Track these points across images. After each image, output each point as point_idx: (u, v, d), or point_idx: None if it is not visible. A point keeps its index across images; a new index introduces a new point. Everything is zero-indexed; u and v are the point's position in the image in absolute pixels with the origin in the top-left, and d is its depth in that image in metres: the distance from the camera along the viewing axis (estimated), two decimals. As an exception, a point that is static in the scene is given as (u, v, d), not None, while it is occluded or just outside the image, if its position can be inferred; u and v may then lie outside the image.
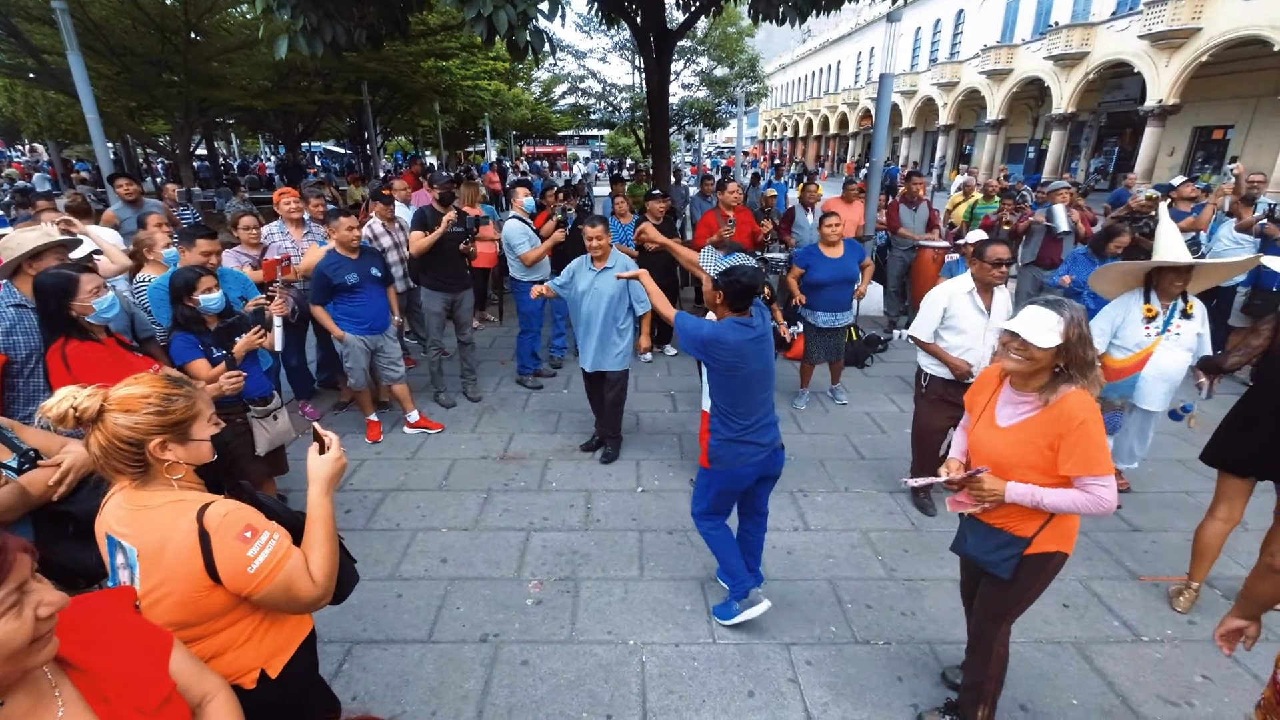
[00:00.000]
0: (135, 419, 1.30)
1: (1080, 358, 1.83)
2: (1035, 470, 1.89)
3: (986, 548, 2.03)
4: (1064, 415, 1.83)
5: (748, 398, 2.54)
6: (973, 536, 2.08)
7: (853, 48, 41.36)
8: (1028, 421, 1.91)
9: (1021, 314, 1.87)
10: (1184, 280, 3.23)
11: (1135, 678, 2.58)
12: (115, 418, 1.29)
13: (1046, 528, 1.94)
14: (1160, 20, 18.59)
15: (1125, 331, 3.39)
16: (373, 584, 3.08)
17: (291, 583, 1.36)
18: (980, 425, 2.05)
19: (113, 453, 1.31)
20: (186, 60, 11.26)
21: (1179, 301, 3.32)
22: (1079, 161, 26.22)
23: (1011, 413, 1.97)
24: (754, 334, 2.49)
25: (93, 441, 1.31)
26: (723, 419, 2.59)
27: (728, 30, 18.85)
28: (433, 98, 19.04)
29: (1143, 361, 3.37)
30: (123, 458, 1.31)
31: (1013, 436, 1.93)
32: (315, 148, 34.37)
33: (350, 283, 4.11)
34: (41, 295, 2.42)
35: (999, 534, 2.00)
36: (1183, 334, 3.31)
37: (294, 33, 5.34)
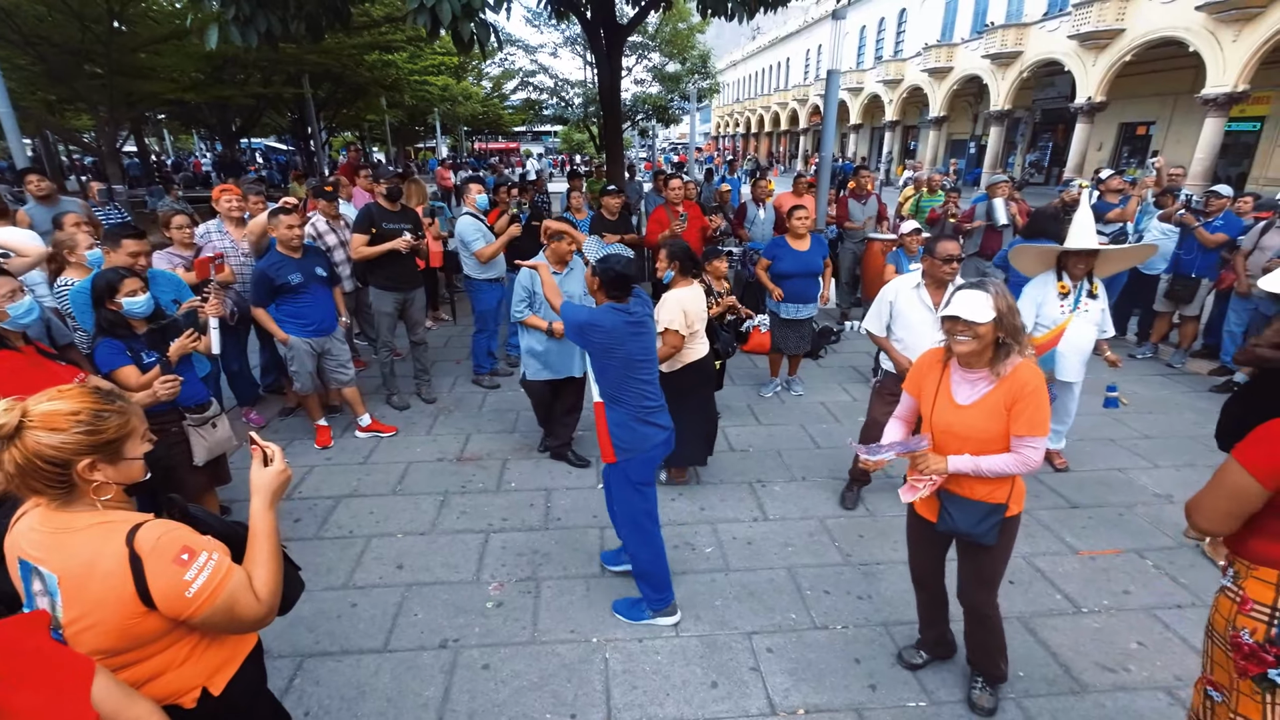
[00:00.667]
0: (62, 438, 1.19)
1: (1013, 325, 2.00)
2: (1001, 439, 2.05)
3: (974, 520, 2.15)
4: (1020, 382, 2.00)
5: (630, 379, 2.61)
6: (958, 513, 2.18)
7: (801, 45, 42.13)
8: (989, 395, 2.05)
9: (955, 299, 2.01)
10: (1086, 264, 3.62)
11: (1076, 647, 2.71)
12: (38, 435, 1.18)
13: (1013, 493, 2.13)
14: (1087, 21, 19.56)
15: (1044, 310, 3.72)
16: (325, 594, 2.97)
17: (234, 603, 1.29)
18: (940, 407, 2.15)
19: (32, 473, 1.19)
20: (110, 51, 10.62)
21: (1085, 283, 3.68)
22: (1016, 156, 27.39)
23: (969, 391, 2.10)
24: (630, 318, 2.59)
25: (7, 459, 1.18)
26: (617, 403, 2.64)
27: (678, 26, 18.91)
28: (379, 92, 18.53)
29: (1058, 337, 3.70)
30: (43, 478, 1.20)
31: (980, 411, 2.06)
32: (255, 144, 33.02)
33: (294, 283, 3.95)
34: None
35: (981, 505, 2.14)
36: (1090, 311, 3.69)
37: (225, 23, 5.10)
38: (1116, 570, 3.20)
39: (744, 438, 4.59)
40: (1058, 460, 4.19)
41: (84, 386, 1.31)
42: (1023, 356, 2.03)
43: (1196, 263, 5.73)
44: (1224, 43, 16.28)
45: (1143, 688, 2.50)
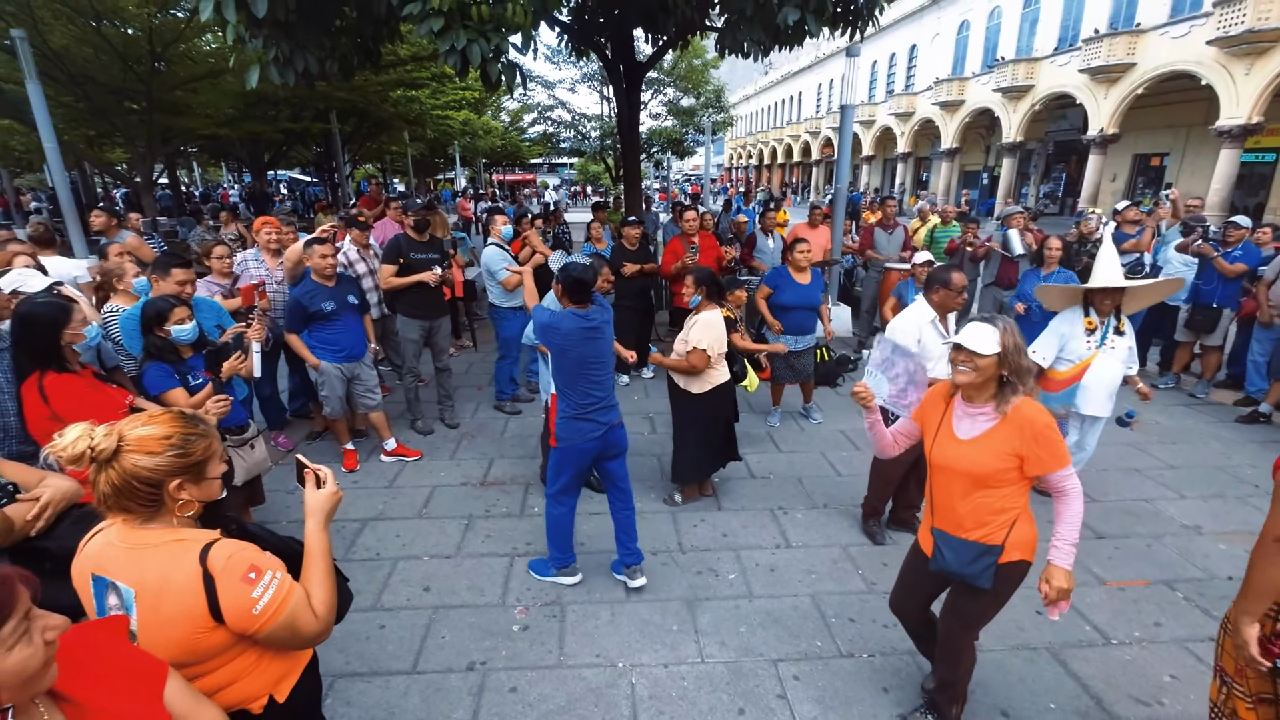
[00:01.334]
0: (156, 461, 1.28)
1: (1018, 364, 1.99)
2: (1003, 475, 2.02)
3: (966, 559, 2.09)
4: (1026, 421, 1.97)
5: (580, 379, 2.94)
6: (950, 552, 2.13)
7: (813, 79, 42.94)
8: (990, 432, 2.03)
9: (964, 330, 2.03)
10: (1113, 300, 3.62)
11: (1108, 679, 2.67)
12: (135, 459, 1.27)
13: (1010, 536, 2.06)
14: (1098, 56, 19.81)
15: (1069, 345, 3.71)
16: (354, 615, 3.01)
17: (295, 619, 1.35)
18: (940, 440, 2.13)
19: (128, 493, 1.28)
20: (150, 89, 11.10)
21: (1112, 319, 3.68)
22: (1029, 187, 27.50)
23: (970, 426, 2.08)
24: (586, 324, 2.89)
25: (103, 480, 1.27)
26: (564, 398, 2.98)
27: (694, 63, 19.42)
28: (402, 126, 19.07)
29: (1082, 372, 3.69)
30: (138, 498, 1.29)
31: (980, 447, 2.03)
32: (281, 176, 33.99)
33: (326, 310, 4.08)
34: (31, 325, 2.37)
35: (975, 545, 2.08)
36: (1117, 348, 3.67)
37: (266, 63, 5.36)
38: (1146, 601, 3.16)
39: (765, 464, 4.61)
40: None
41: (172, 411, 1.39)
42: (1024, 394, 2.01)
43: (1217, 293, 5.73)
44: (1236, 76, 16.40)
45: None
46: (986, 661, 2.75)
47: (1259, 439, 5.03)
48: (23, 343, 2.38)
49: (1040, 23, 23.61)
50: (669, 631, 2.94)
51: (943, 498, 2.15)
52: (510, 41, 4.96)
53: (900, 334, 3.49)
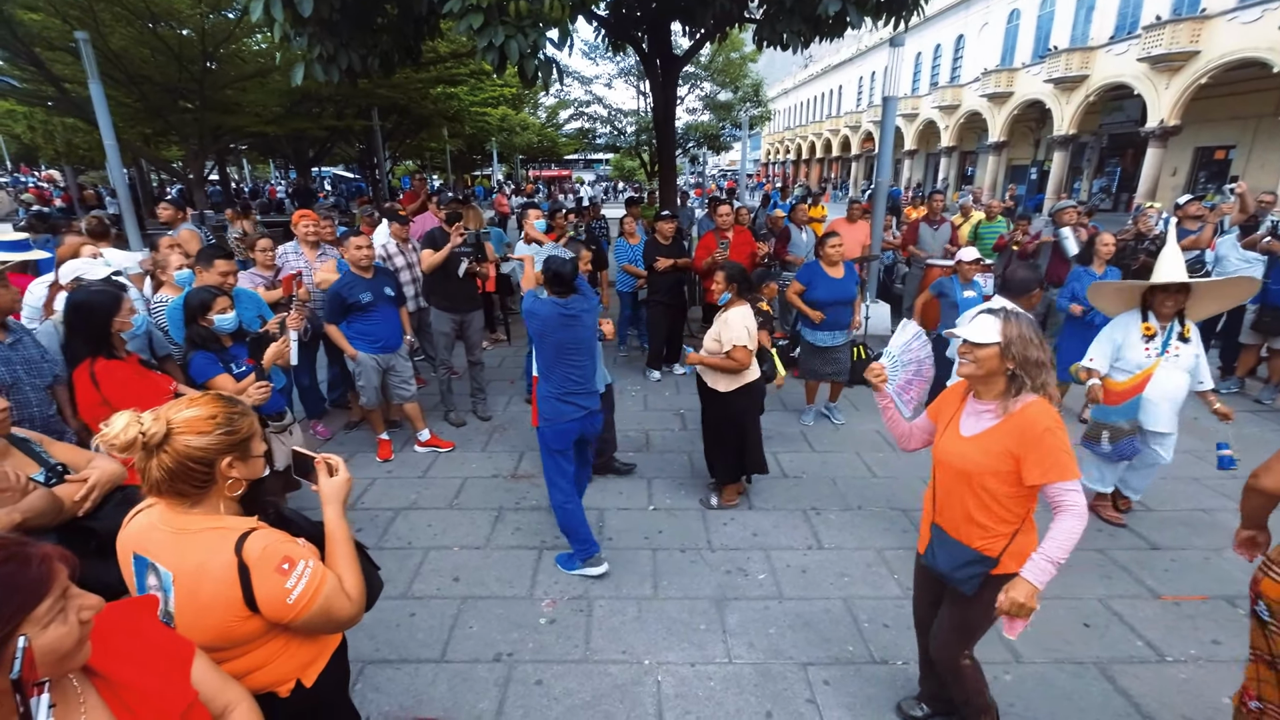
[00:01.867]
0: (208, 440, 1.31)
1: (1025, 356, 1.84)
2: (998, 478, 1.90)
3: (956, 563, 2.02)
4: (1027, 423, 1.84)
5: (560, 362, 3.11)
6: (943, 551, 2.07)
7: (854, 72, 42.03)
8: (992, 430, 1.92)
9: (966, 324, 1.96)
10: (1175, 302, 3.27)
11: (1161, 698, 2.53)
12: (187, 440, 1.29)
13: (1009, 549, 1.95)
14: (1159, 44, 18.84)
15: (1126, 353, 3.41)
16: (385, 603, 3.05)
17: (330, 605, 1.37)
18: (946, 436, 2.06)
19: (181, 474, 1.30)
20: (203, 88, 11.51)
21: (1175, 324, 3.34)
22: (1081, 182, 26.42)
23: (975, 423, 1.98)
24: (565, 311, 3.06)
25: (156, 464, 1.30)
26: (546, 379, 3.15)
27: (731, 56, 19.18)
28: (441, 123, 19.37)
29: (1143, 383, 3.36)
30: (191, 478, 1.32)
31: (978, 445, 1.94)
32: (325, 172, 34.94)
33: (364, 301, 4.16)
34: (84, 313, 2.46)
35: (969, 551, 1.99)
36: (1181, 356, 3.33)
37: (310, 61, 5.48)
38: (1204, 618, 2.99)
39: (797, 464, 4.52)
40: (1122, 503, 3.81)
41: (210, 394, 1.42)
42: (1039, 395, 1.86)
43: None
44: (1312, 63, 15.42)
45: (1238, 747, 2.31)
46: (1029, 675, 2.64)
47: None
48: (76, 329, 2.48)
49: (1096, 10, 22.58)
50: (696, 630, 2.91)
51: (944, 495, 2.07)
52: (547, 37, 4.96)
53: None
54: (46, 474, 1.84)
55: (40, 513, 1.72)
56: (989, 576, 1.96)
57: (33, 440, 1.92)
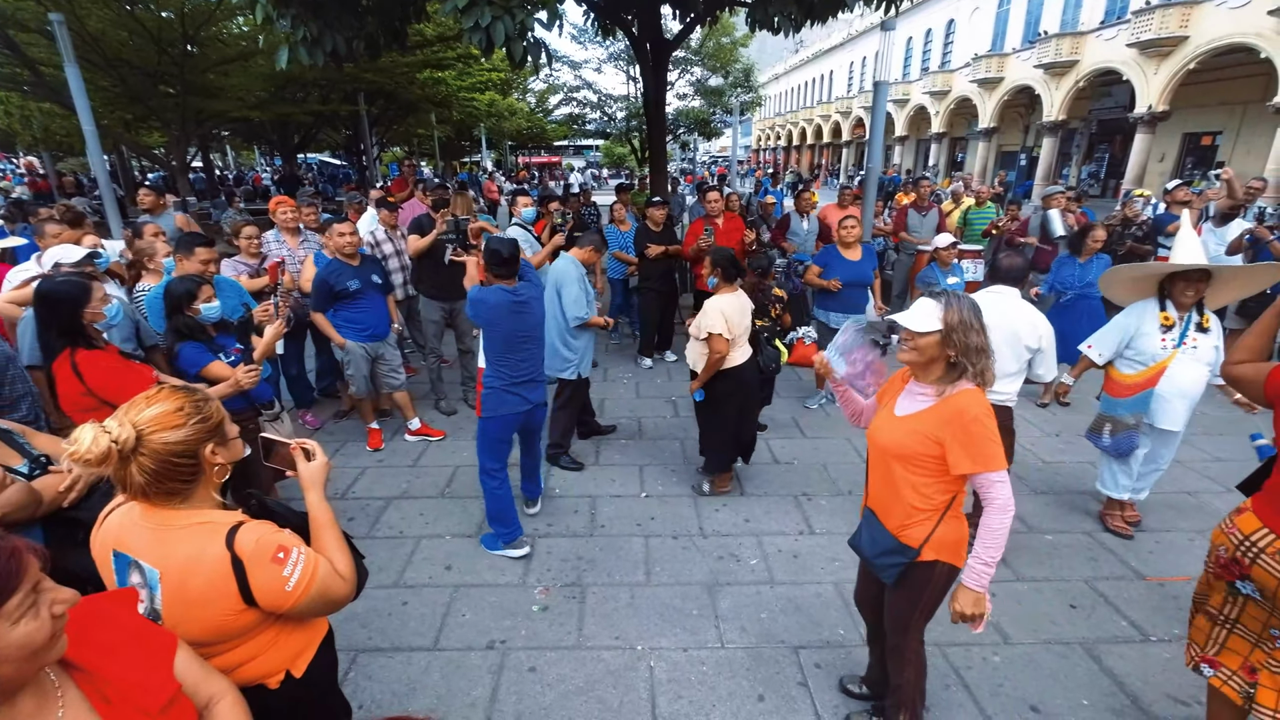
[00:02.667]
0: (184, 433, 1.27)
1: (965, 343, 1.80)
2: (919, 461, 1.88)
3: (877, 550, 2.01)
4: (955, 411, 1.80)
5: (508, 353, 3.06)
6: (868, 534, 2.06)
7: (844, 57, 41.81)
8: (923, 413, 1.88)
9: (907, 311, 1.89)
10: (1195, 290, 3.08)
11: (1145, 677, 2.58)
12: (163, 437, 1.24)
13: (931, 538, 1.91)
14: (1148, 29, 18.85)
15: (1140, 343, 3.22)
16: (377, 591, 3.05)
17: (326, 588, 1.38)
18: (880, 415, 2.05)
19: (167, 473, 1.25)
20: (183, 72, 11.27)
21: (1193, 314, 3.16)
22: (1070, 168, 26.51)
23: (909, 404, 1.95)
24: (513, 299, 3.01)
25: (136, 469, 1.23)
26: (494, 370, 3.08)
27: (722, 41, 19.02)
28: (429, 108, 19.13)
29: (1156, 376, 3.20)
30: (178, 474, 1.27)
31: (907, 426, 1.91)
32: (311, 159, 34.44)
33: (351, 289, 4.11)
34: (51, 304, 2.40)
35: (891, 539, 1.97)
36: (1199, 348, 3.14)
37: (294, 43, 5.37)
38: (1187, 598, 2.99)
39: (788, 450, 4.54)
40: (1129, 512, 3.58)
41: (165, 387, 1.36)
42: (976, 383, 1.83)
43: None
44: (1299, 49, 15.49)
45: (1219, 723, 2.36)
46: (1017, 656, 2.68)
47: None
48: (46, 321, 2.40)
49: (1087, -6, 22.56)
50: (689, 616, 2.92)
51: (873, 475, 2.06)
52: (536, 19, 4.88)
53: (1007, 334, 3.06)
54: (29, 465, 1.81)
55: (19, 506, 1.69)
56: (909, 566, 1.94)
57: (15, 431, 1.88)
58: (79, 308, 2.39)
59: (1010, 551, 3.38)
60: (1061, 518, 3.71)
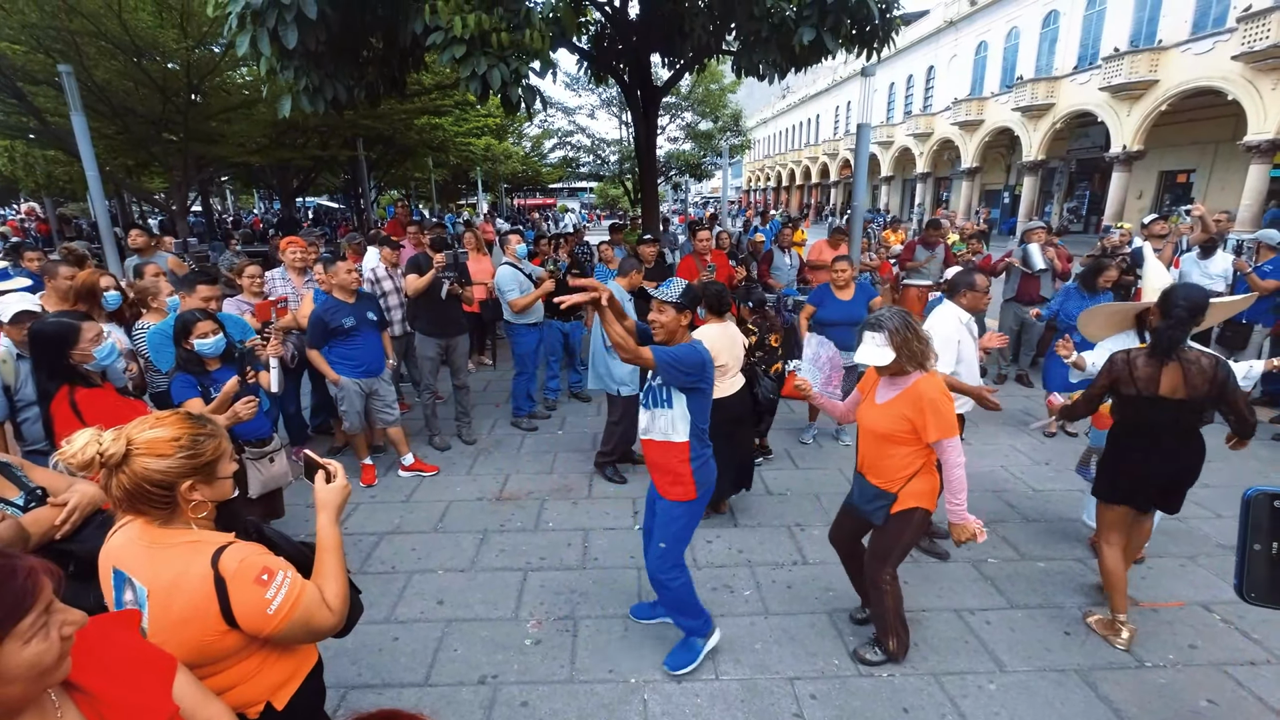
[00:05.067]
0: (167, 463, 1.29)
1: (913, 353, 2.41)
2: (897, 437, 2.47)
3: (866, 499, 2.63)
4: (918, 396, 2.40)
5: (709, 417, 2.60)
6: (858, 490, 2.71)
7: (830, 102, 43.22)
8: (895, 399, 2.48)
9: (860, 350, 2.45)
10: None
11: (1141, 704, 2.56)
12: (146, 462, 1.27)
13: (907, 488, 2.51)
14: (1119, 74, 19.67)
15: None
16: (368, 627, 3.02)
17: (310, 616, 1.37)
18: (864, 404, 2.66)
19: (140, 496, 1.28)
20: (187, 119, 11.56)
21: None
22: (1052, 205, 27.19)
23: (886, 393, 2.55)
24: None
25: (115, 484, 1.28)
26: (701, 439, 2.58)
27: (711, 87, 19.69)
28: (426, 153, 19.57)
29: None
30: (150, 500, 1.30)
31: (885, 410, 2.51)
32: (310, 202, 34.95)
33: (347, 326, 4.17)
34: (40, 344, 2.44)
35: (874, 489, 2.58)
36: None
37: (297, 92, 5.56)
38: (1181, 623, 3.04)
39: (781, 481, 4.55)
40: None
41: (179, 413, 1.41)
42: (926, 370, 2.45)
43: (1248, 309, 5.57)
44: (1264, 91, 16.15)
45: (1217, 749, 2.35)
46: (1012, 684, 2.67)
47: (1298, 457, 4.85)
48: (36, 361, 2.45)
49: (1060, 41, 23.55)
50: (683, 648, 2.89)
51: (863, 449, 2.65)
52: (530, 66, 5.09)
53: (941, 338, 3.21)
54: (25, 497, 1.83)
55: (8, 543, 1.70)
56: (893, 512, 2.54)
57: (12, 464, 1.91)
58: (66, 347, 2.43)
59: (1003, 579, 3.39)
60: (1052, 545, 3.72)
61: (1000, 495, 4.31)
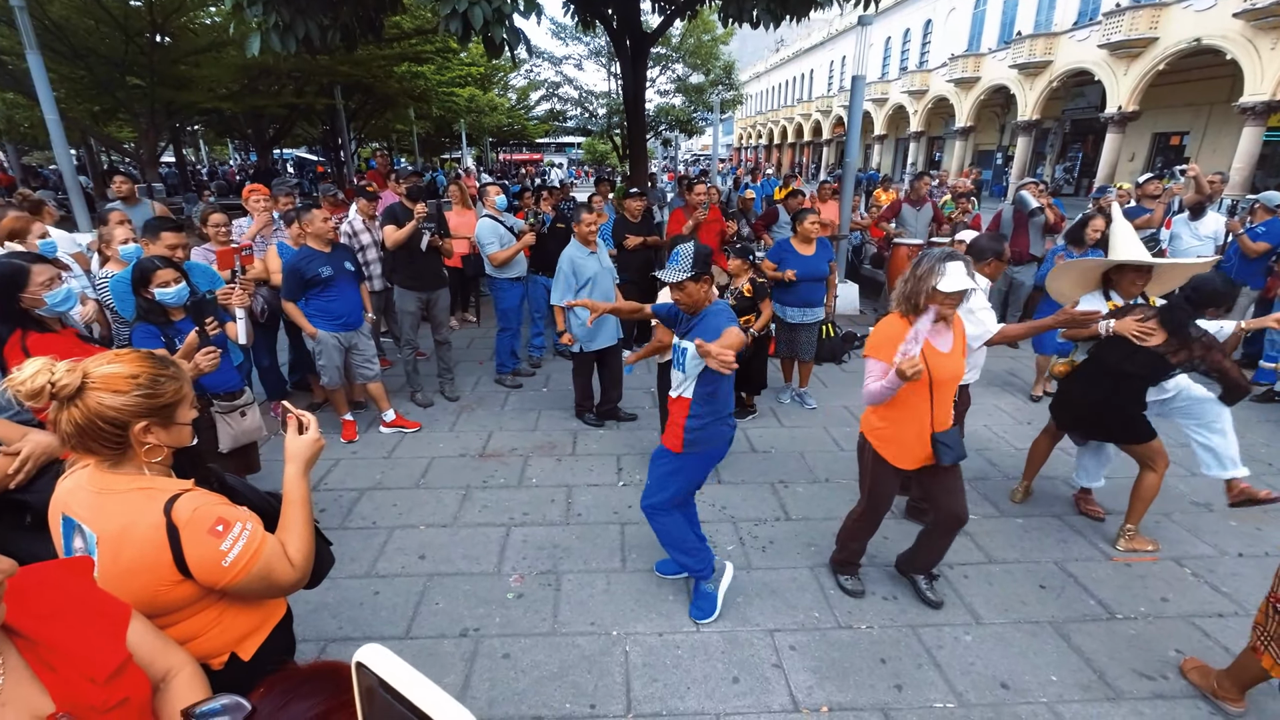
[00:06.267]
0: (123, 400, 1.22)
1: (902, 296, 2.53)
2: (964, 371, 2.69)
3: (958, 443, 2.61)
4: (961, 324, 2.64)
5: (726, 381, 2.59)
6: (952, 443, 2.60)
7: (825, 56, 42.16)
8: (957, 340, 2.60)
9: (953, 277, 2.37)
10: (1144, 280, 3.15)
11: (1111, 654, 2.62)
12: (100, 397, 1.20)
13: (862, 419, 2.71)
14: (1118, 30, 19.26)
15: None
16: (348, 581, 3.00)
17: (270, 570, 1.31)
18: (933, 359, 2.49)
19: (91, 432, 1.22)
20: (152, 62, 11.01)
21: (1139, 302, 3.21)
22: (1044, 167, 26.98)
23: (942, 340, 2.55)
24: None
25: (66, 418, 1.21)
26: (708, 403, 2.59)
27: (703, 38, 19.07)
28: (407, 103, 18.88)
29: None
30: (101, 438, 1.23)
31: (954, 355, 2.58)
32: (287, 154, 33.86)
33: (324, 275, 4.02)
34: None
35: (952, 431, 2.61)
36: None
37: (266, 30, 5.26)
38: (1153, 577, 3.10)
39: (766, 439, 4.55)
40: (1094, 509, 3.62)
41: (140, 352, 1.33)
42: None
43: (1236, 269, 5.57)
44: (1263, 50, 15.91)
45: (1182, 696, 2.41)
46: (988, 635, 2.71)
47: (1274, 418, 4.92)
48: None
49: (1060, -4, 22.98)
50: (665, 601, 2.91)
51: (942, 406, 2.58)
52: (514, 4, 4.83)
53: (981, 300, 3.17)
54: (-26, 447, 1.75)
55: None
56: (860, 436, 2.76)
57: (-40, 413, 1.82)
58: (15, 290, 2.31)
59: (982, 535, 3.43)
60: (1032, 502, 3.76)
61: (982, 453, 4.34)
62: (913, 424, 2.57)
